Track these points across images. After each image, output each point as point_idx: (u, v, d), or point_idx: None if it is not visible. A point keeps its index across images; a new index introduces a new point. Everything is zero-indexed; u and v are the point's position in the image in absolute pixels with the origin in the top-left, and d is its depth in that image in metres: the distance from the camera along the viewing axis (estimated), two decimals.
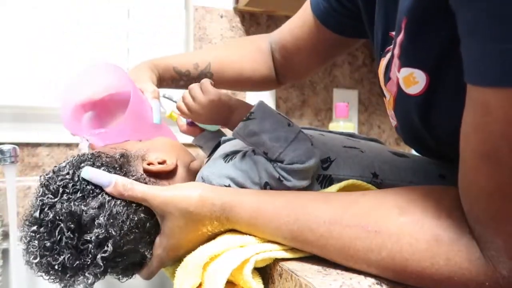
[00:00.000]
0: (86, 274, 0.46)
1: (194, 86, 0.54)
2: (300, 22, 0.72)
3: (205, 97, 0.52)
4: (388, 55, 0.46)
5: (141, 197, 0.46)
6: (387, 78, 0.46)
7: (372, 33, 0.52)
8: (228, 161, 0.53)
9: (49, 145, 1.13)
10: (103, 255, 0.45)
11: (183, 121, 0.70)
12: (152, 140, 0.60)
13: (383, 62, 0.48)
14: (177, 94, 0.66)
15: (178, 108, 0.55)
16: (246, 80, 0.78)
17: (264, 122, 0.49)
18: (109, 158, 0.52)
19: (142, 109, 0.64)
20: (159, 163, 0.54)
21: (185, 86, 0.73)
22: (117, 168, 0.51)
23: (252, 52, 0.79)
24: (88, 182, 0.48)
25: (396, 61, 0.43)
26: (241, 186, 0.51)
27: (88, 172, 0.47)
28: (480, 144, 0.31)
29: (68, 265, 0.45)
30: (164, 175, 0.54)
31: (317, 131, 0.60)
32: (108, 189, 0.46)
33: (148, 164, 0.54)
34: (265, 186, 0.50)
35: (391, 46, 0.44)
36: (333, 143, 0.55)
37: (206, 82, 0.54)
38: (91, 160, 0.50)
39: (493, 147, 0.30)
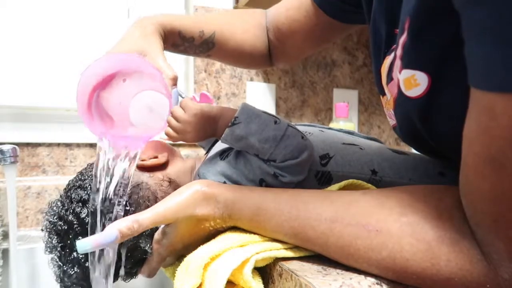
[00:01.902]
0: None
1: (176, 108, 0.53)
2: (296, 3, 0.70)
3: (187, 113, 0.51)
4: (393, 54, 0.45)
5: (152, 224, 0.45)
6: (390, 78, 0.46)
7: (371, 25, 0.52)
8: (224, 158, 0.53)
9: (49, 145, 1.13)
10: None
11: None
12: None
13: (388, 60, 0.47)
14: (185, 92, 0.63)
15: (167, 134, 0.53)
16: (246, 55, 0.76)
17: (250, 125, 0.49)
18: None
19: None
20: (151, 159, 0.56)
21: (183, 52, 0.72)
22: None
23: (255, 28, 0.76)
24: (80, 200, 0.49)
25: (398, 62, 0.42)
26: (236, 183, 0.51)
27: (87, 245, 0.42)
28: (484, 148, 0.30)
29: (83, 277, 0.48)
30: (158, 168, 0.56)
31: (316, 127, 0.60)
32: (117, 242, 0.44)
33: (141, 161, 0.55)
34: (260, 183, 0.50)
35: (395, 45, 0.44)
36: (332, 140, 0.55)
37: (185, 100, 0.53)
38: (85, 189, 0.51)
39: (498, 152, 0.29)
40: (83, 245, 0.42)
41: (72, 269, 0.48)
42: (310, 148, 0.50)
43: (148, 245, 0.50)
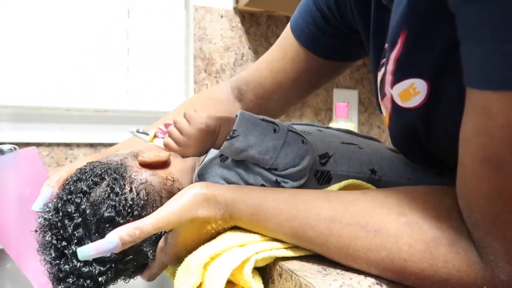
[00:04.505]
0: (100, 280, 0.47)
1: (180, 119, 0.50)
2: (280, 53, 0.68)
3: (192, 127, 0.48)
4: (383, 69, 0.44)
5: (155, 230, 0.44)
6: (383, 93, 0.45)
7: (371, 44, 0.51)
8: (224, 160, 0.53)
9: (49, 145, 1.13)
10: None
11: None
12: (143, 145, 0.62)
13: (379, 75, 0.46)
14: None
15: (166, 145, 0.50)
16: None
17: (249, 137, 0.48)
18: (104, 165, 0.52)
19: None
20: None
21: None
22: (115, 171, 0.51)
23: (206, 108, 0.72)
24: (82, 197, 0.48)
25: (388, 78, 0.42)
26: None
27: (87, 252, 0.42)
28: (481, 149, 0.30)
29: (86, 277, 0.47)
30: (160, 166, 0.55)
31: (315, 127, 0.60)
32: (118, 250, 0.43)
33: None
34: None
35: (385, 60, 0.43)
36: (331, 139, 0.55)
37: (190, 111, 0.50)
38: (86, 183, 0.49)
39: (495, 152, 0.29)
40: (84, 251, 0.42)
41: (68, 265, 0.47)
42: (311, 152, 0.49)
43: (151, 252, 0.49)
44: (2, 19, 1.12)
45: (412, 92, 0.40)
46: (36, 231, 0.50)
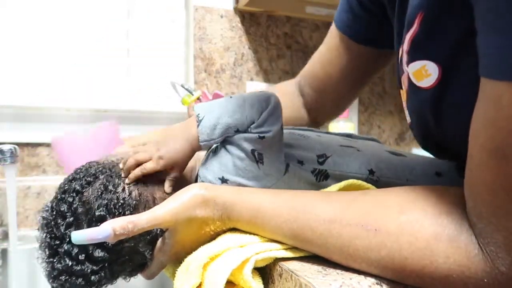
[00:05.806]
0: (92, 279, 0.47)
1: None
2: (326, 46, 0.71)
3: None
4: (401, 49, 0.46)
5: (149, 226, 0.44)
6: (402, 70, 0.46)
7: (395, 21, 0.52)
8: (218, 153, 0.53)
9: (49, 145, 1.13)
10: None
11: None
12: None
13: (400, 53, 0.47)
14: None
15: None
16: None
17: (213, 112, 0.51)
18: (100, 165, 0.53)
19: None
20: None
21: None
22: (110, 169, 0.52)
23: (290, 103, 0.76)
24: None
25: (405, 57, 0.42)
26: (233, 170, 0.51)
27: (80, 236, 0.43)
28: (489, 140, 0.30)
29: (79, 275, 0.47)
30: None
31: (314, 132, 0.61)
32: (110, 240, 0.43)
33: None
34: (253, 153, 0.50)
35: (403, 39, 0.44)
36: (329, 143, 0.56)
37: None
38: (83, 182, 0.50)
39: (502, 144, 0.30)
40: (78, 236, 0.43)
41: (61, 263, 0.47)
42: (273, 94, 0.53)
43: (147, 252, 0.49)
44: (2, 19, 1.12)
45: (424, 74, 0.40)
46: (38, 229, 0.51)
